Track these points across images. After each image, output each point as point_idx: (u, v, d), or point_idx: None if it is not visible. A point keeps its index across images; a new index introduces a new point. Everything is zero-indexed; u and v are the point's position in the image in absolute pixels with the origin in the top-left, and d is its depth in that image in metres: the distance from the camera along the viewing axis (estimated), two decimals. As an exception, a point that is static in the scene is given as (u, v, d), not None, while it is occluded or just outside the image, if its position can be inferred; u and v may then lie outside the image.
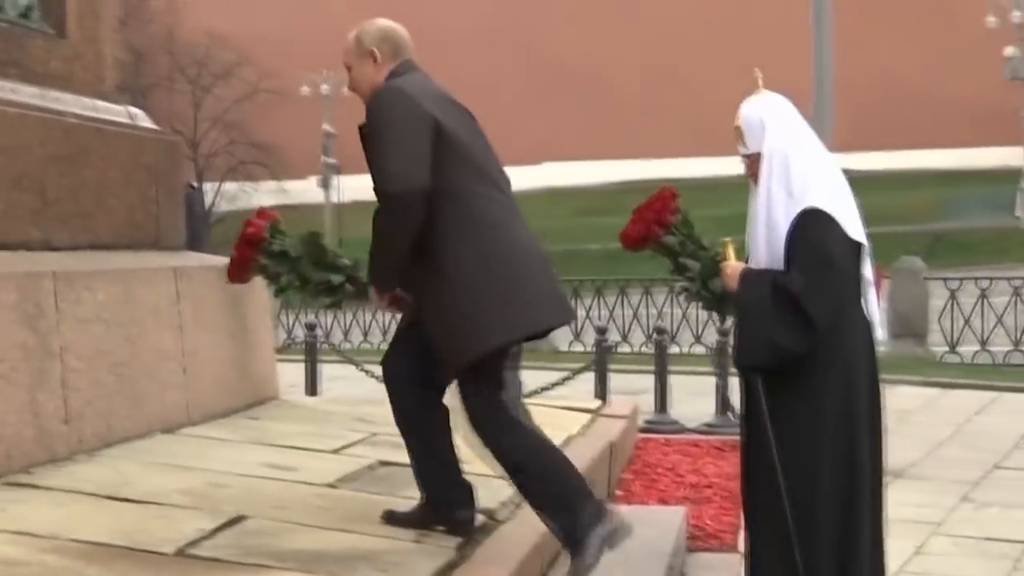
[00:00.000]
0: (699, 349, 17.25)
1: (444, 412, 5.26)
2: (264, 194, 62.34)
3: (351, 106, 6.03)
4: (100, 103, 7.22)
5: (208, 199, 54.57)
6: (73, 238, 6.60)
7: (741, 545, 7.24)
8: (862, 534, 5.29)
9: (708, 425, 11.52)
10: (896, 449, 10.60)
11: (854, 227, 5.33)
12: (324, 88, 52.91)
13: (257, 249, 5.34)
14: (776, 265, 5.30)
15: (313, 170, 55.01)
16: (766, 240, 5.36)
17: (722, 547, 7.21)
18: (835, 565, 5.22)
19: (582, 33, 63.10)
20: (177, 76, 62.02)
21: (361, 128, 5.12)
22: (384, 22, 5.35)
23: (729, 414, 11.38)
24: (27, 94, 6.48)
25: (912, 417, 12.90)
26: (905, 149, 56.44)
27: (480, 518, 5.53)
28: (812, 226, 5.21)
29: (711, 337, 14.47)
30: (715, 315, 12.66)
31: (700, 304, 6.10)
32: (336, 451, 6.73)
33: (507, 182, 5.24)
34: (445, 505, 5.27)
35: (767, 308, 5.25)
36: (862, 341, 5.39)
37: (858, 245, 5.32)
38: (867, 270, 5.43)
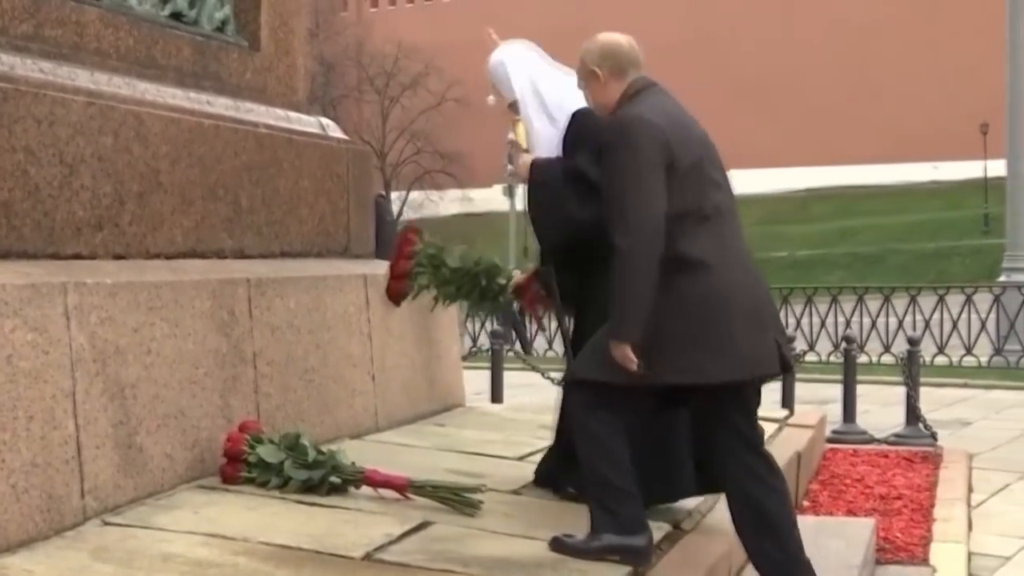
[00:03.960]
0: (888, 359, 16.93)
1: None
2: (449, 202, 63.01)
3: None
4: (292, 114, 7.35)
5: (395, 208, 55.24)
6: (265, 246, 6.72)
7: (932, 557, 7.14)
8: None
9: (897, 436, 11.31)
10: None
11: None
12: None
13: (240, 464, 5.42)
14: None
15: (498, 178, 55.31)
16: None
17: (912, 560, 7.08)
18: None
19: (772, 41, 62.52)
20: (366, 87, 62.93)
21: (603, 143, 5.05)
22: (606, 37, 5.18)
23: (920, 425, 11.17)
24: (222, 105, 6.62)
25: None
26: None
27: (665, 527, 5.51)
28: (577, 120, 5.66)
29: (900, 346, 14.21)
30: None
31: (489, 311, 6.20)
32: (521, 458, 6.75)
33: (733, 212, 5.02)
34: None
35: (559, 187, 5.58)
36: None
37: None
38: None
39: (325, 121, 7.80)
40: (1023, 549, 7.49)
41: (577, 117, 5.72)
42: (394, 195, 58.87)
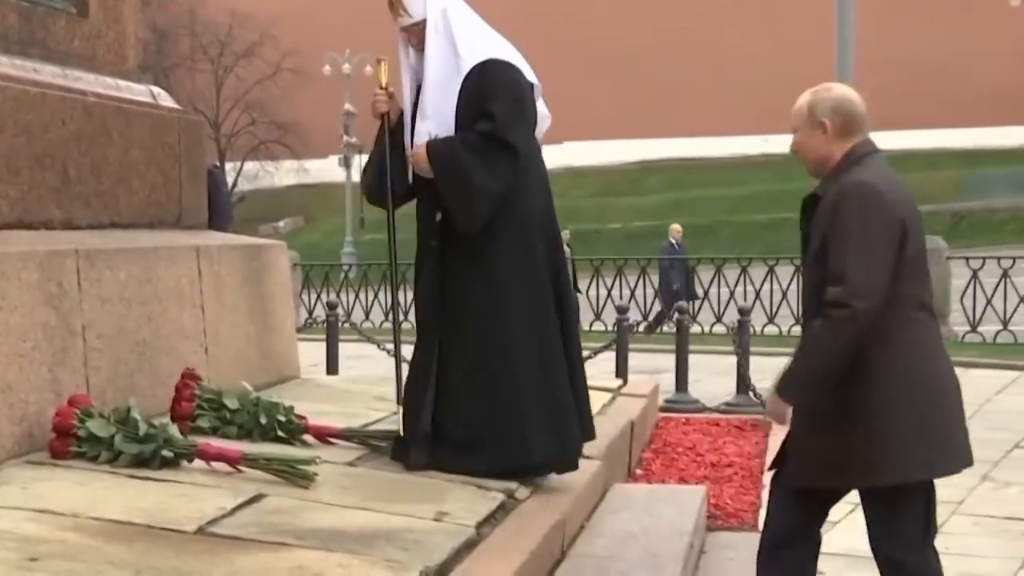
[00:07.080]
0: (720, 328, 17.22)
1: None
2: (285, 173, 62.44)
3: (372, 86, 6.05)
4: (122, 82, 7.23)
5: (229, 179, 54.52)
6: (95, 217, 6.61)
7: (760, 522, 7.28)
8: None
9: (728, 404, 11.53)
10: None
11: (527, 72, 5.81)
12: (345, 67, 52.77)
13: (69, 438, 5.36)
14: (445, 129, 5.68)
15: (334, 149, 54.94)
16: (435, 107, 5.72)
17: (742, 526, 7.22)
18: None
19: (607, 11, 62.89)
20: (199, 56, 61.97)
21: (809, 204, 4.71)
22: (841, 91, 4.77)
23: (750, 393, 11.38)
24: (49, 73, 6.49)
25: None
26: (927, 128, 56.17)
27: (500, 496, 5.55)
28: (496, 70, 5.68)
29: (731, 316, 14.46)
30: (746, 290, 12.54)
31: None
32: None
33: (931, 295, 4.75)
34: None
35: (463, 163, 5.61)
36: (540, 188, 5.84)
37: (532, 86, 5.83)
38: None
39: (156, 90, 7.68)
40: (850, 514, 7.64)
41: (494, 68, 5.71)
42: (229, 166, 57.99)
